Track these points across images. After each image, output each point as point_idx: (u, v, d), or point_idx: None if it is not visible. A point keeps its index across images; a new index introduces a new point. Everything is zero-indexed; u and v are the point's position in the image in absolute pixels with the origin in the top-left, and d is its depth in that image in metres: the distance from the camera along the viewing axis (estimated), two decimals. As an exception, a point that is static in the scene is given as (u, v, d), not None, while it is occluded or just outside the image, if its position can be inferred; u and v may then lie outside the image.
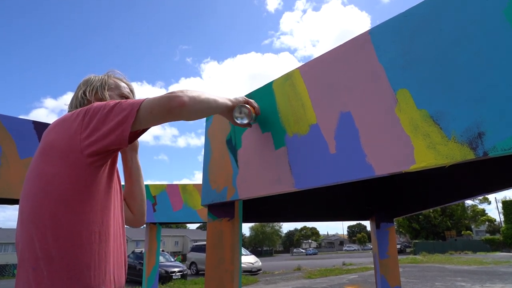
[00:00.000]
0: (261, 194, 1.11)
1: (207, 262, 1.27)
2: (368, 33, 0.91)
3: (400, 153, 0.78)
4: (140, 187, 1.32)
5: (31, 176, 0.95)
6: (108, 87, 1.18)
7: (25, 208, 0.92)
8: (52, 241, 0.86)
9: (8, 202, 1.94)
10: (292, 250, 65.37)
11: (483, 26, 0.69)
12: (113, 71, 1.26)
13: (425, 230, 41.16)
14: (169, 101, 0.88)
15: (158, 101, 0.90)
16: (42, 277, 0.84)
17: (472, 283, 9.67)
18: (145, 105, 0.90)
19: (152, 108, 0.89)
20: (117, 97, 1.18)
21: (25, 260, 0.87)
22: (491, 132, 0.65)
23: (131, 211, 1.30)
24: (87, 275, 0.87)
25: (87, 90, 1.15)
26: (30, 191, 0.93)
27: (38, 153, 0.96)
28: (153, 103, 0.90)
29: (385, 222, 1.88)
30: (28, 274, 0.86)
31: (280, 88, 1.14)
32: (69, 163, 0.91)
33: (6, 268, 29.21)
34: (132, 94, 1.27)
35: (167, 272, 13.22)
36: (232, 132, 1.29)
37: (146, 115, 0.90)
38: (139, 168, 1.32)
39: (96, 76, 1.21)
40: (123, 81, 1.25)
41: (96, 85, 1.16)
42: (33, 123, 1.88)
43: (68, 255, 0.86)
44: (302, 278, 12.96)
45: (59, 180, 0.90)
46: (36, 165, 0.94)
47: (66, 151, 0.91)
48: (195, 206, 2.74)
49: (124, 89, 1.22)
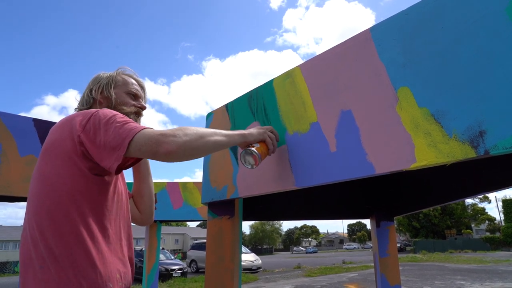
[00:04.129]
0: (261, 192, 1.11)
1: (207, 260, 1.27)
2: (369, 30, 0.91)
3: (401, 152, 0.78)
4: (149, 186, 1.30)
5: (35, 175, 0.96)
6: (115, 85, 1.17)
7: (30, 208, 0.93)
8: (55, 240, 0.87)
9: (9, 200, 1.94)
10: (292, 249, 65.48)
11: (484, 24, 0.69)
12: (124, 68, 1.25)
13: (425, 229, 41.18)
14: (156, 145, 0.85)
15: (148, 139, 0.86)
16: (50, 274, 0.85)
17: (471, 282, 9.68)
18: (137, 139, 0.87)
19: (141, 146, 0.87)
20: (124, 95, 1.17)
21: (32, 258, 0.88)
22: (492, 130, 0.65)
23: (138, 210, 1.30)
24: (92, 273, 0.88)
25: (94, 88, 1.15)
26: (33, 191, 0.94)
27: (42, 152, 0.97)
28: (144, 140, 0.86)
29: (385, 221, 1.88)
30: (35, 272, 0.87)
31: (281, 86, 1.13)
32: (70, 164, 0.92)
33: (7, 265, 29.30)
34: (143, 91, 1.25)
35: (167, 270, 13.23)
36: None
37: (136, 150, 0.88)
38: (148, 167, 1.31)
39: (105, 74, 1.21)
40: (133, 78, 1.24)
41: (103, 83, 1.16)
42: (33, 121, 1.88)
43: (71, 254, 0.87)
44: (302, 276, 12.98)
45: (60, 181, 0.91)
46: (39, 165, 0.96)
47: (68, 152, 0.92)
48: (195, 204, 2.74)
49: (132, 86, 1.21)
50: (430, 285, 9.39)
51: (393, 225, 1.90)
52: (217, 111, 1.41)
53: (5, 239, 37.58)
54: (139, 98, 1.22)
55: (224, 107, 1.37)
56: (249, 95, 1.26)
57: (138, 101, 1.21)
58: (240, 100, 1.30)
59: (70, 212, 0.89)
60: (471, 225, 50.09)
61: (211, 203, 1.32)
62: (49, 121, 1.95)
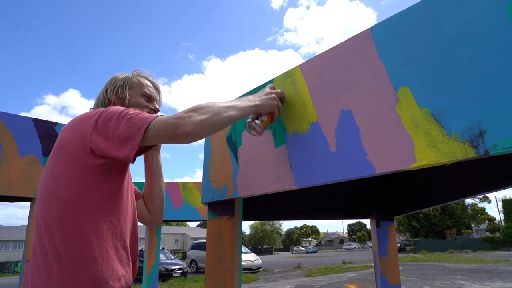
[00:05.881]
0: (261, 192, 1.11)
1: (207, 260, 1.27)
2: (369, 30, 0.91)
3: (401, 151, 0.78)
4: (159, 187, 1.30)
5: (45, 173, 0.97)
6: (130, 86, 1.19)
7: (38, 205, 0.95)
8: (59, 237, 0.89)
9: (8, 200, 1.95)
10: (292, 248, 65.50)
11: (484, 23, 0.69)
12: (140, 70, 1.27)
13: (425, 229, 41.20)
14: (174, 128, 0.85)
15: (164, 125, 0.87)
16: (52, 270, 0.87)
17: (471, 282, 9.69)
18: (153, 126, 0.88)
19: (158, 132, 0.88)
20: (138, 96, 1.19)
21: (37, 254, 0.91)
22: (492, 130, 0.65)
23: (148, 210, 1.30)
24: (94, 270, 0.89)
25: (109, 89, 1.17)
26: (42, 188, 0.96)
27: (53, 151, 0.99)
28: (160, 126, 0.88)
29: (385, 221, 1.88)
30: (39, 268, 0.89)
31: (281, 85, 1.13)
32: (79, 164, 0.93)
33: (7, 265, 29.31)
34: (158, 93, 1.27)
35: (167, 270, 13.25)
36: (232, 130, 1.28)
37: (153, 137, 0.89)
38: (159, 167, 1.31)
39: (121, 75, 1.22)
40: (148, 80, 1.25)
41: (118, 84, 1.18)
42: (33, 121, 1.88)
43: (74, 251, 0.89)
44: (302, 276, 12.98)
45: (68, 180, 0.92)
46: (50, 163, 0.97)
47: (78, 150, 0.93)
48: (195, 204, 2.74)
49: (146, 88, 1.22)
50: (430, 285, 9.39)
51: (393, 225, 1.90)
52: (217, 111, 1.41)
53: (5, 239, 37.58)
54: (153, 100, 1.23)
55: (224, 107, 1.37)
56: (249, 95, 1.26)
57: (152, 103, 1.23)
58: (240, 100, 1.30)
59: (76, 211, 0.91)
60: (471, 225, 50.12)
61: (211, 203, 1.32)
62: (49, 121, 1.95)
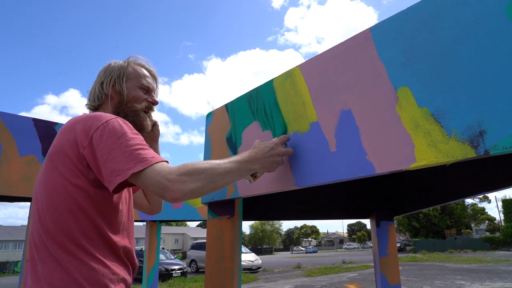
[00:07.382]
0: (261, 192, 1.11)
1: (207, 260, 1.27)
2: (369, 30, 0.91)
3: (401, 151, 0.78)
4: None
5: (40, 179, 0.95)
6: (127, 78, 1.13)
7: (34, 212, 0.94)
8: (57, 242, 0.87)
9: (9, 200, 1.94)
10: (292, 248, 65.50)
11: (484, 24, 0.69)
12: (135, 57, 1.20)
13: (425, 229, 41.19)
14: (163, 190, 0.82)
15: (155, 182, 0.83)
16: (52, 278, 0.85)
17: (471, 282, 9.68)
18: (144, 175, 0.84)
19: (147, 184, 0.84)
20: (136, 89, 1.14)
21: (36, 259, 0.89)
22: (492, 130, 0.65)
23: (147, 200, 1.29)
24: (94, 275, 0.88)
25: (105, 81, 1.11)
26: (38, 195, 0.94)
27: (48, 155, 0.96)
28: (150, 181, 0.83)
29: (385, 221, 1.88)
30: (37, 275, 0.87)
31: (281, 85, 1.13)
32: (75, 173, 0.90)
33: (7, 266, 29.31)
34: (155, 81, 1.21)
35: (167, 270, 13.24)
36: (232, 130, 1.28)
37: (140, 184, 0.85)
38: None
39: (116, 63, 1.16)
40: (145, 68, 1.19)
41: (114, 76, 1.11)
42: (33, 121, 1.88)
43: (73, 257, 0.87)
44: (302, 276, 12.98)
45: (64, 189, 0.90)
46: (45, 169, 0.94)
47: (72, 159, 0.90)
48: (195, 204, 2.74)
49: (144, 79, 1.16)
50: (430, 285, 9.39)
51: (393, 225, 1.90)
52: (217, 111, 1.41)
53: (5, 239, 37.58)
54: (152, 91, 1.19)
55: (224, 107, 1.37)
56: (249, 95, 1.26)
57: (150, 94, 1.18)
58: (240, 100, 1.30)
59: (73, 216, 0.89)
60: (471, 225, 50.12)
61: (211, 203, 1.32)
62: (49, 121, 1.95)
